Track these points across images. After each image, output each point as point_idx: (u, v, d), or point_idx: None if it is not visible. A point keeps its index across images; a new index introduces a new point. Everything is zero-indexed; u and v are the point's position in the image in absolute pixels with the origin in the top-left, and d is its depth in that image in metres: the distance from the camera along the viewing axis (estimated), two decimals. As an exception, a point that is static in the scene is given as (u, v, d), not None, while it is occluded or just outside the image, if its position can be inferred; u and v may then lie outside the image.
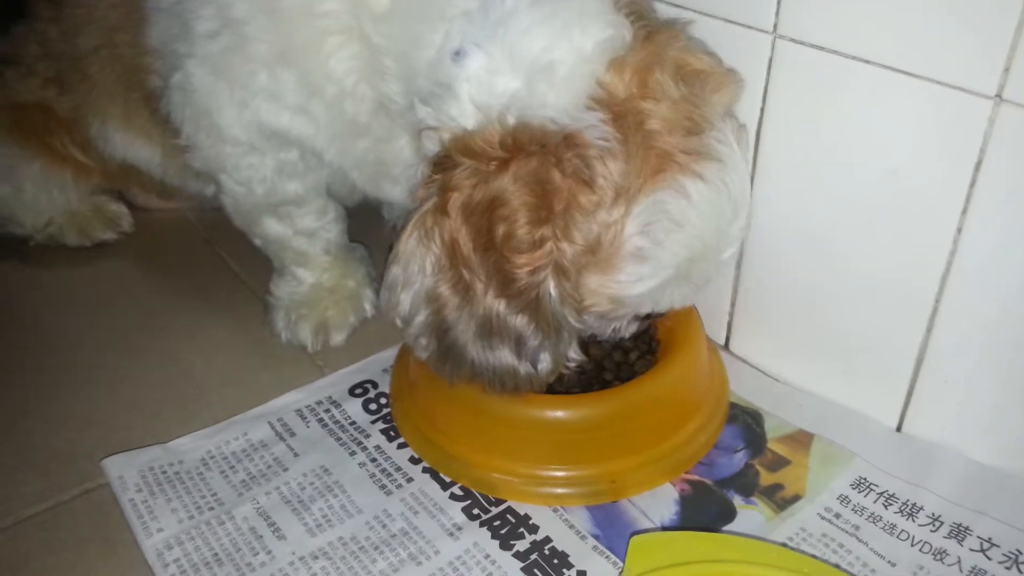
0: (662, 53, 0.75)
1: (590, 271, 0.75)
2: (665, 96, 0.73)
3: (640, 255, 0.74)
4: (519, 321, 0.74)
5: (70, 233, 1.28)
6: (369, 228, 1.20)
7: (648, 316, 0.85)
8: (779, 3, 0.80)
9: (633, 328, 0.88)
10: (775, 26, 0.82)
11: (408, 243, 0.76)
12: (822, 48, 0.79)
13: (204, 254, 1.27)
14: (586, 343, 0.88)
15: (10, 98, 1.19)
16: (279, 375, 1.02)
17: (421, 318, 0.77)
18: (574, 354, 0.83)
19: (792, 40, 0.81)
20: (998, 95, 0.69)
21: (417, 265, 0.76)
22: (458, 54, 0.76)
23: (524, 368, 0.76)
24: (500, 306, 0.74)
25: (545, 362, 0.77)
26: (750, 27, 0.84)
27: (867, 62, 0.76)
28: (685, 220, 0.73)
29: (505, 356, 0.76)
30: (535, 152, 0.71)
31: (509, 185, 0.71)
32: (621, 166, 0.72)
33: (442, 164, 0.75)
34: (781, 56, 0.83)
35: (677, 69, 0.75)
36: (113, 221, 1.31)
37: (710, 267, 0.79)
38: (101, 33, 1.07)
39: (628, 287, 0.76)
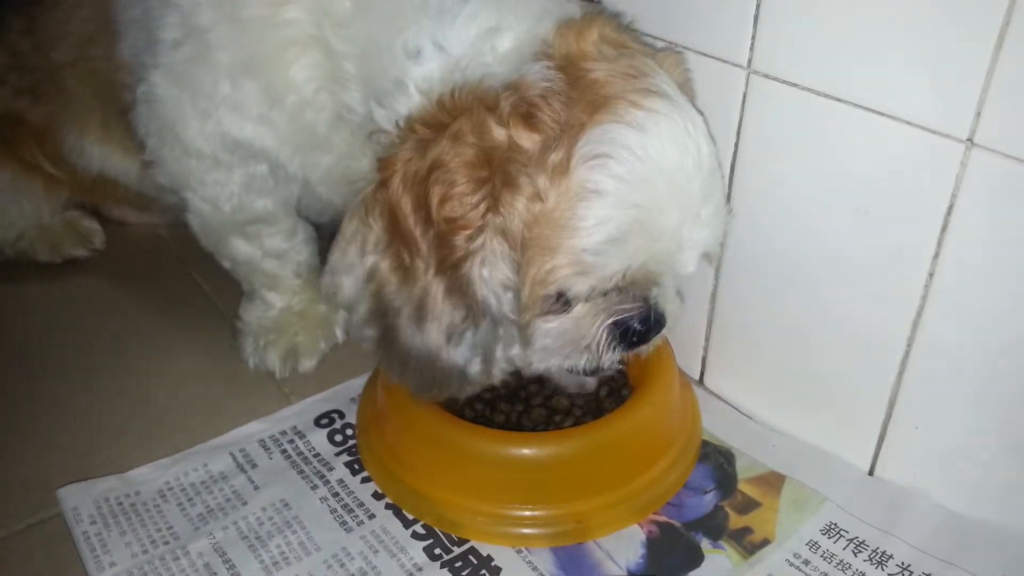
0: (602, 29, 0.75)
1: (541, 225, 0.69)
2: (604, 57, 0.72)
3: (595, 190, 0.68)
4: (449, 304, 0.71)
5: (41, 248, 1.27)
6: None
7: (632, 340, 0.76)
8: (754, 39, 0.80)
9: (614, 358, 0.79)
10: (750, 61, 0.82)
11: (348, 225, 0.75)
12: (796, 85, 0.79)
13: (175, 273, 1.26)
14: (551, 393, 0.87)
15: None
16: (244, 403, 1.00)
17: (364, 305, 0.76)
18: (505, 364, 0.76)
19: (766, 76, 0.81)
20: (970, 139, 0.69)
21: (358, 246, 0.75)
22: (418, 54, 0.76)
23: (449, 357, 0.72)
24: (436, 286, 0.71)
25: (476, 365, 0.73)
26: (725, 61, 0.84)
27: (840, 100, 0.76)
28: (642, 151, 0.68)
29: (432, 338, 0.72)
30: (472, 106, 0.70)
31: (447, 146, 0.69)
32: (564, 105, 0.69)
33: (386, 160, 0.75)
34: (755, 91, 0.82)
35: (616, 44, 0.74)
36: (85, 237, 1.30)
37: (682, 218, 0.70)
38: (75, 47, 1.06)
39: (587, 234, 0.68)
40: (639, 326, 0.75)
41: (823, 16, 0.75)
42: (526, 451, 0.82)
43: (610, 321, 0.74)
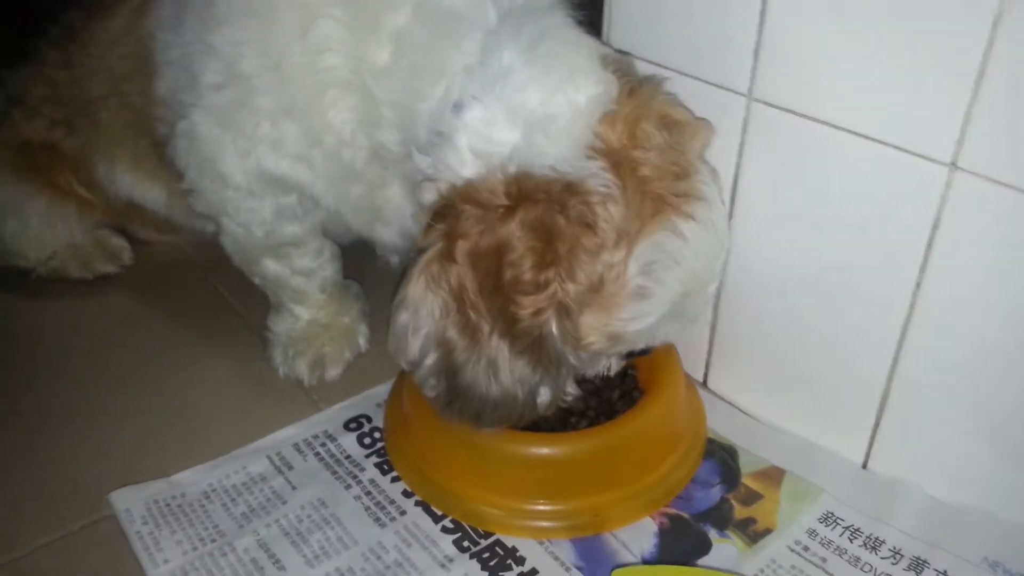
0: (646, 106, 0.81)
1: (592, 310, 0.80)
2: (653, 145, 0.79)
3: (642, 293, 0.79)
4: (521, 362, 0.79)
5: (72, 266, 1.32)
6: (362, 266, 1.24)
7: (631, 354, 0.89)
8: (754, 68, 0.86)
9: (619, 365, 0.93)
10: (750, 90, 0.87)
11: (416, 289, 0.80)
12: (794, 112, 0.84)
13: (202, 288, 1.32)
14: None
15: (17, 137, 1.23)
16: (276, 409, 1.06)
17: (430, 361, 0.81)
18: (571, 388, 0.89)
19: (766, 103, 0.87)
20: (953, 163, 0.75)
21: (426, 310, 0.80)
22: (457, 106, 0.80)
23: (525, 400, 0.81)
24: (504, 347, 0.79)
25: (544, 395, 0.82)
26: (727, 89, 0.89)
27: (835, 127, 0.82)
28: (681, 258, 0.79)
29: (512, 388, 0.80)
30: (540, 199, 0.76)
31: (516, 231, 0.76)
32: (621, 210, 0.77)
33: (443, 212, 0.80)
34: (755, 117, 0.88)
35: (660, 119, 0.81)
36: (114, 255, 1.35)
37: (699, 301, 0.85)
38: (111, 82, 1.11)
39: (629, 324, 0.80)
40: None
41: (818, 47, 0.81)
42: (546, 450, 0.88)
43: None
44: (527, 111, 0.79)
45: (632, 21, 0.97)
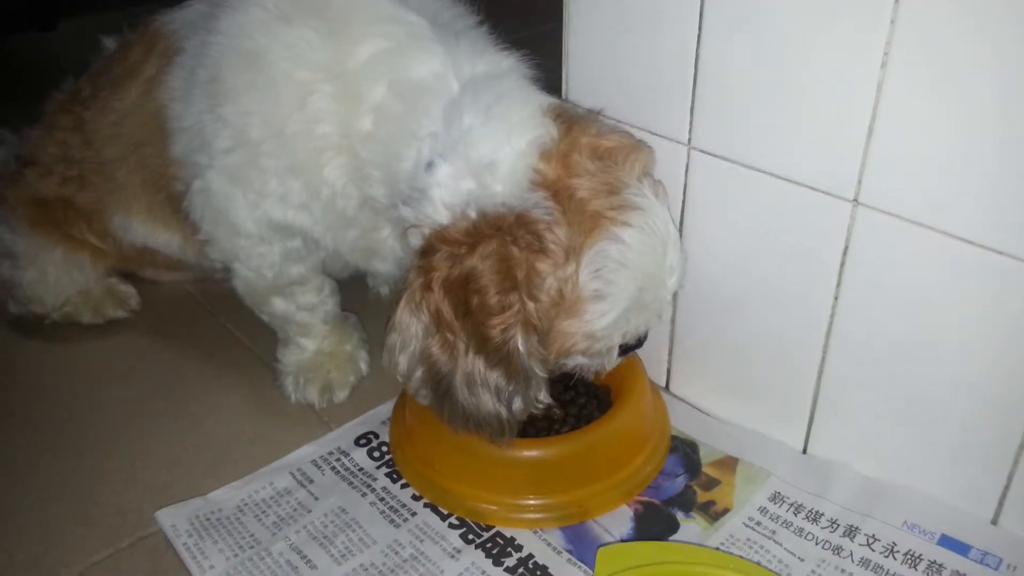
0: (578, 140, 0.92)
1: (561, 319, 0.90)
2: (584, 171, 0.90)
3: (598, 295, 0.88)
4: (495, 374, 0.90)
5: (84, 312, 1.41)
6: (357, 299, 1.37)
7: (627, 349, 0.99)
8: (691, 122, 1.00)
9: (618, 361, 1.01)
10: (689, 139, 1.01)
11: (402, 315, 0.91)
12: (724, 158, 0.98)
13: (209, 324, 1.42)
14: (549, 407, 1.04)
15: (32, 194, 1.32)
16: (292, 431, 1.18)
17: (418, 374, 0.93)
18: (543, 397, 0.98)
19: (702, 151, 1.00)
20: (855, 199, 0.89)
21: (412, 331, 0.91)
22: (429, 166, 0.91)
23: (503, 412, 0.91)
24: (479, 363, 0.90)
25: (517, 404, 0.92)
26: (670, 139, 1.03)
27: (758, 170, 0.96)
28: (625, 259, 0.88)
29: (487, 402, 0.91)
30: (494, 235, 0.86)
31: (478, 263, 0.86)
32: (565, 230, 0.88)
33: (425, 252, 0.91)
34: (695, 163, 1.02)
35: (591, 150, 0.92)
36: (123, 301, 1.44)
37: (660, 294, 0.93)
38: (129, 146, 1.21)
39: (595, 323, 0.90)
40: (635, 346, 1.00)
41: (741, 101, 0.94)
42: (534, 452, 1.00)
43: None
44: (479, 162, 0.90)
45: (587, 82, 1.11)
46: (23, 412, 1.25)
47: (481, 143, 0.90)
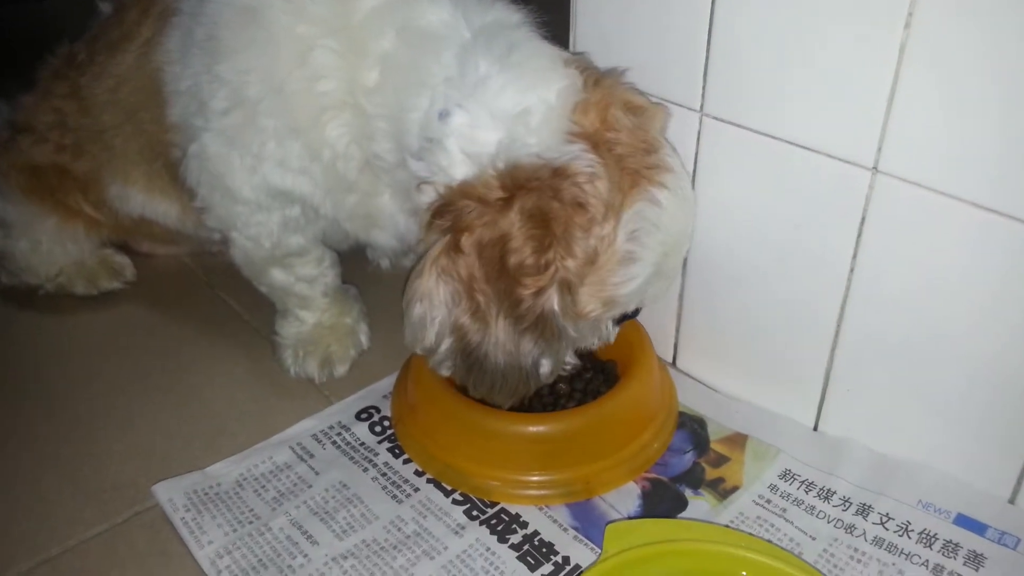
0: (612, 94, 0.91)
1: (588, 280, 0.88)
2: (622, 127, 0.89)
3: (630, 258, 0.87)
4: (528, 337, 0.87)
5: (78, 283, 1.39)
6: (357, 272, 1.35)
7: (624, 316, 0.98)
8: (704, 88, 0.98)
9: (615, 332, 1.01)
10: (701, 106, 0.99)
11: (427, 282, 0.87)
12: (738, 125, 0.96)
13: (207, 297, 1.41)
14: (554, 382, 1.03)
15: (25, 161, 1.30)
16: (291, 405, 1.16)
17: (445, 346, 0.90)
18: (570, 359, 0.98)
19: (715, 118, 0.98)
20: (874, 167, 0.87)
21: (438, 299, 0.87)
22: (443, 114, 0.89)
23: (530, 372, 0.90)
24: (510, 325, 0.87)
25: (545, 367, 0.91)
26: (681, 105, 1.01)
27: (772, 137, 0.93)
28: (659, 222, 0.88)
29: (517, 362, 0.88)
30: (535, 187, 0.83)
31: (516, 219, 0.83)
32: (606, 185, 0.85)
33: (442, 210, 0.87)
34: (707, 130, 1.00)
35: (625, 105, 0.91)
36: (117, 272, 1.43)
37: (677, 260, 0.94)
38: (125, 112, 1.19)
39: (621, 287, 0.88)
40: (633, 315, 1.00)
41: (756, 66, 0.91)
42: (541, 428, 0.98)
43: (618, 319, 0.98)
44: (506, 111, 0.87)
45: (594, 44, 1.08)
46: (16, 385, 1.23)
47: (504, 92, 0.88)
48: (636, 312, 0.99)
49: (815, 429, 1.06)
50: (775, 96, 0.92)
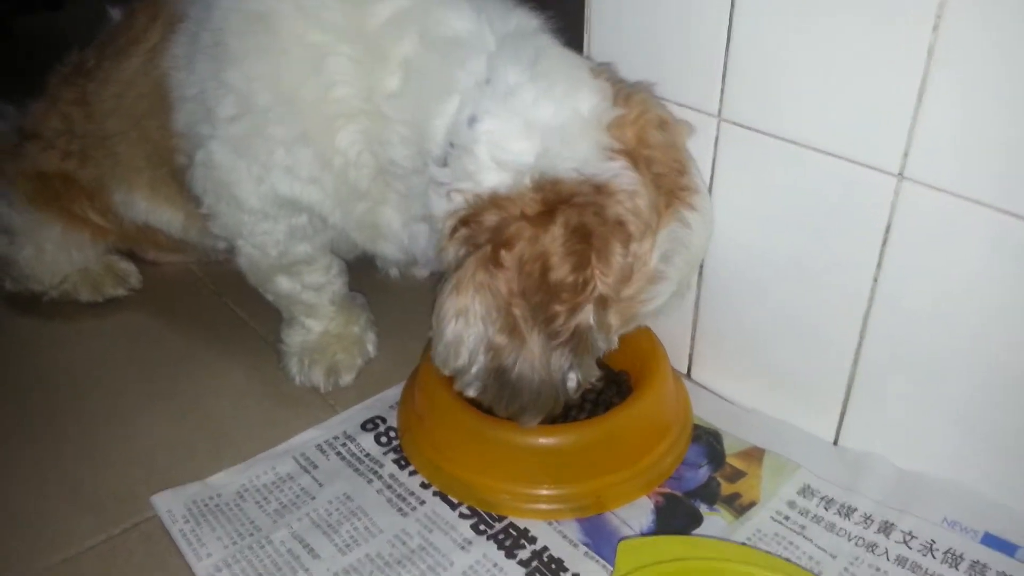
0: (647, 110, 0.89)
1: (622, 295, 0.87)
2: (656, 144, 0.88)
3: (660, 277, 0.87)
4: (558, 352, 0.85)
5: (83, 290, 1.37)
6: (365, 280, 1.32)
7: None
8: (722, 92, 0.95)
9: (616, 343, 0.97)
10: (719, 111, 0.97)
11: (462, 299, 0.84)
12: (757, 131, 0.93)
13: (213, 304, 1.39)
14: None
15: (32, 168, 1.28)
16: (296, 414, 1.13)
17: (478, 366, 0.87)
18: (595, 371, 0.95)
19: (733, 123, 0.96)
20: (900, 173, 0.84)
21: (474, 317, 0.84)
22: (472, 120, 0.87)
23: (559, 387, 0.88)
24: (543, 340, 0.85)
25: (572, 380, 0.89)
26: (700, 111, 0.98)
27: (793, 143, 0.91)
28: (689, 243, 0.89)
29: (548, 378, 0.86)
30: (577, 203, 0.82)
31: (559, 234, 0.82)
32: (646, 203, 0.85)
33: (469, 219, 0.85)
34: (725, 135, 0.97)
35: (660, 122, 0.90)
36: (123, 279, 1.41)
37: (694, 277, 0.95)
38: (131, 118, 1.17)
39: (646, 304, 0.89)
40: None
41: (777, 71, 0.89)
42: (551, 440, 0.95)
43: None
44: (542, 122, 0.86)
45: (610, 51, 1.06)
46: (18, 391, 1.22)
47: (539, 103, 0.86)
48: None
49: (835, 443, 1.03)
50: (797, 99, 0.90)
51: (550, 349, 0.85)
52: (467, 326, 0.85)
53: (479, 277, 0.84)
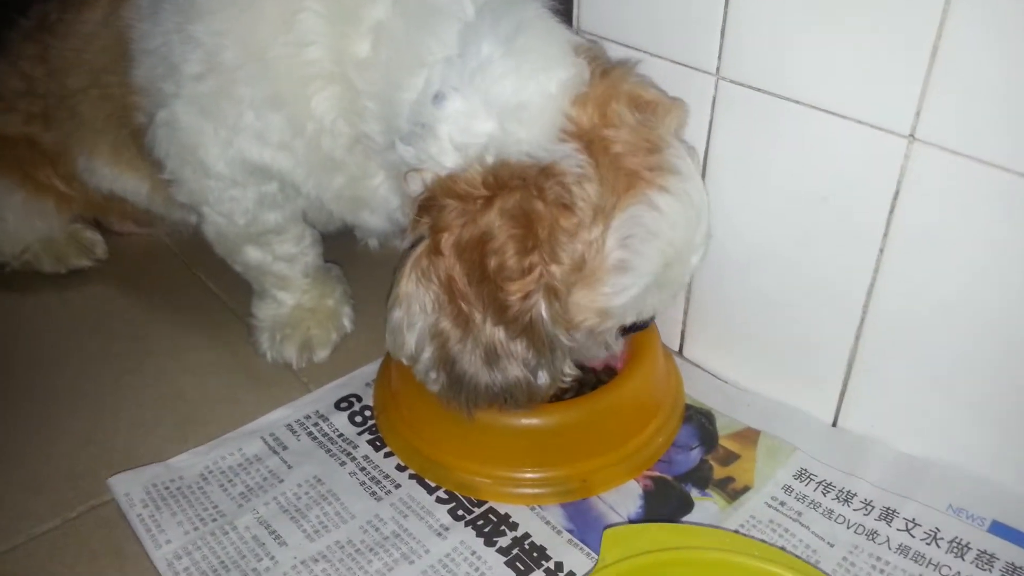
0: (617, 87, 0.83)
1: (578, 288, 0.82)
2: (623, 123, 0.81)
3: (622, 266, 0.81)
4: (519, 345, 0.81)
5: (46, 260, 1.32)
6: (342, 251, 1.27)
7: (632, 328, 0.91)
8: (721, 49, 0.90)
9: (621, 343, 0.95)
10: (718, 69, 0.91)
11: (407, 285, 0.81)
12: (759, 89, 0.88)
13: (183, 276, 1.33)
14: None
15: None
16: (267, 392, 1.08)
17: (427, 354, 0.83)
18: (569, 369, 0.91)
19: (733, 82, 0.90)
20: (911, 135, 0.79)
21: (418, 305, 0.81)
22: (438, 97, 0.82)
23: (527, 381, 0.83)
24: (499, 333, 0.80)
25: (543, 378, 0.84)
26: (696, 69, 0.93)
27: (799, 103, 0.86)
28: (658, 229, 0.81)
29: (515, 372, 0.82)
30: (517, 186, 0.78)
31: (496, 220, 0.78)
32: (596, 187, 0.78)
33: (427, 206, 0.81)
34: (723, 95, 0.92)
35: (631, 100, 0.83)
36: (88, 248, 1.35)
37: (682, 272, 0.86)
38: (91, 74, 1.11)
39: (613, 298, 0.82)
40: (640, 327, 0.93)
41: (780, 26, 0.84)
42: (534, 420, 0.90)
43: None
44: (502, 101, 0.80)
45: (601, 5, 1.00)
46: (-27, 366, 1.16)
47: (504, 79, 0.81)
48: (646, 324, 0.93)
49: (834, 425, 0.99)
50: (801, 56, 0.84)
51: (508, 341, 0.81)
52: (410, 313, 0.82)
53: (421, 264, 0.81)
